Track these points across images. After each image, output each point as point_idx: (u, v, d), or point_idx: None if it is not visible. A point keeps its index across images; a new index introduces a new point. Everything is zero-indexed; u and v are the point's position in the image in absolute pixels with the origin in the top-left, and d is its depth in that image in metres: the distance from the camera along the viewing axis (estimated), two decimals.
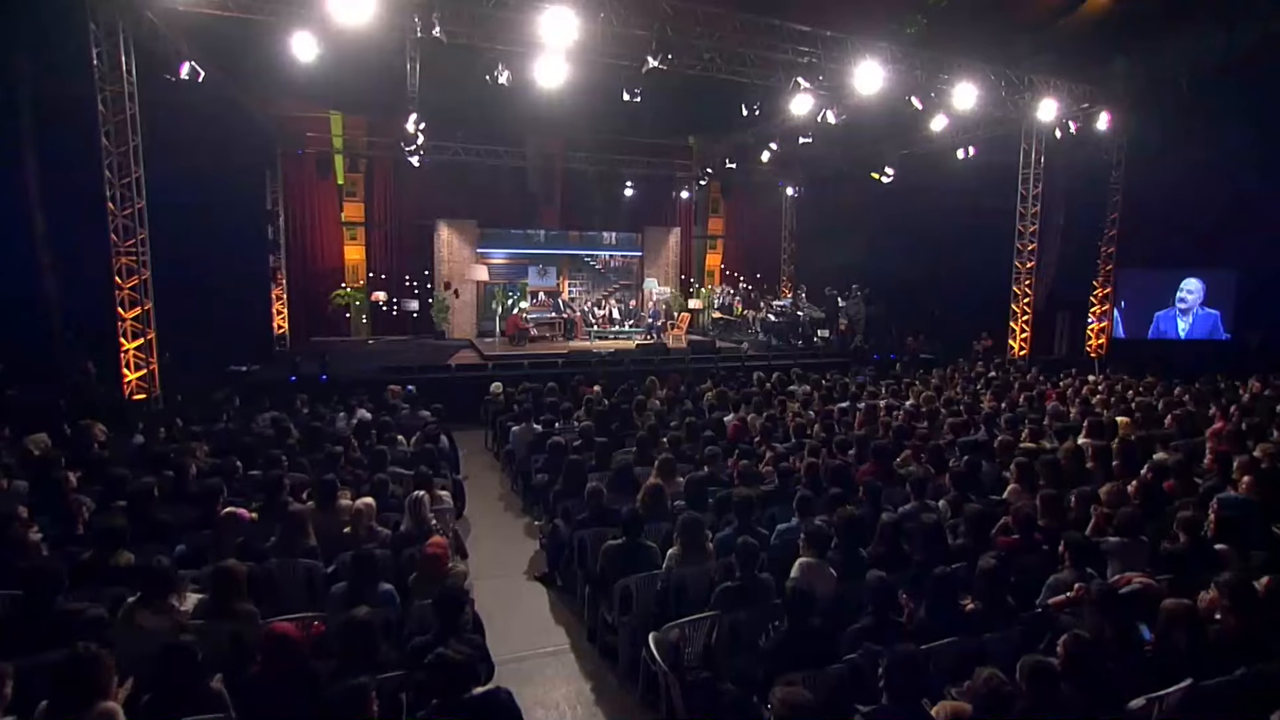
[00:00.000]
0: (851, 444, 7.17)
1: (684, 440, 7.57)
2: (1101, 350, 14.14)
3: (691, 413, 8.99)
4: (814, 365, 13.29)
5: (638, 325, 17.09)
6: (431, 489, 5.98)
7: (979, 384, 11.26)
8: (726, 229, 21.25)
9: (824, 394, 10.15)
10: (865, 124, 13.62)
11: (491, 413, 10.06)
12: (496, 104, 13.97)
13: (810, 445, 7.38)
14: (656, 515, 5.48)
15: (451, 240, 17.57)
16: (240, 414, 8.40)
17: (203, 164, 12.58)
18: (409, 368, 12.12)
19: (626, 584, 4.61)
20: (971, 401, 9.77)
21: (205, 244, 12.85)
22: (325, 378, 11.57)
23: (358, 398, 9.01)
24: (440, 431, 7.70)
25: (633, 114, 14.67)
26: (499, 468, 9.49)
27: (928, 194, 15.47)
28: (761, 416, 8.64)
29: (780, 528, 5.35)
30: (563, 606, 5.83)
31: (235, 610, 3.67)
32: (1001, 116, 12.97)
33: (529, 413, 8.54)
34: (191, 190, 12.35)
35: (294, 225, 16.67)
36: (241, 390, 10.47)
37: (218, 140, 12.78)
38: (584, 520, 5.56)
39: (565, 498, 6.27)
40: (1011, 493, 6.06)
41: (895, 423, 8.11)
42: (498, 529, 7.52)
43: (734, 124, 16.48)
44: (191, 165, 12.29)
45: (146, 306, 9.21)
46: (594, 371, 12.00)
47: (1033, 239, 13.60)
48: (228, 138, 13.16)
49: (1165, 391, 10.17)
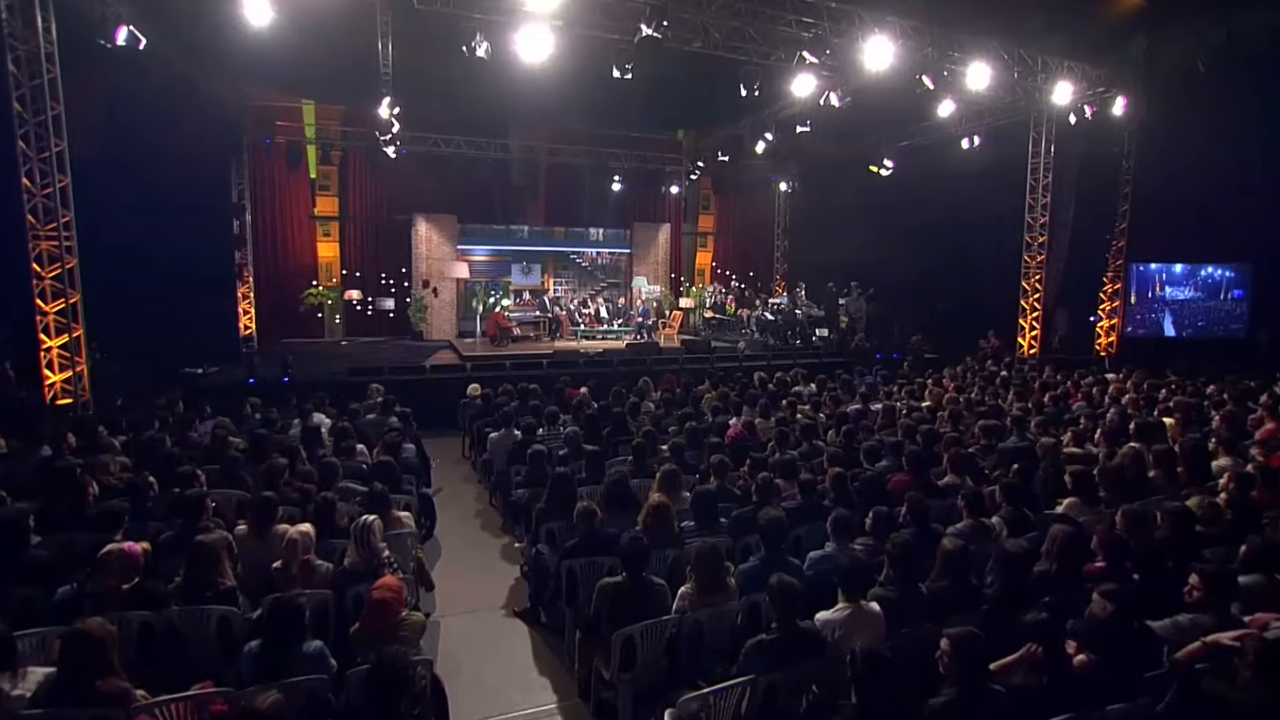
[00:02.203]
0: (881, 451, 6.27)
1: (686, 447, 6.63)
2: (1112, 349, 13.36)
3: (692, 416, 8.06)
4: (815, 365, 12.42)
5: (627, 324, 16.16)
6: (389, 510, 5.01)
7: (995, 383, 10.42)
8: (718, 226, 20.40)
9: (833, 395, 9.24)
10: (864, 114, 12.86)
11: (468, 417, 9.09)
12: (477, 91, 13.13)
13: (830, 452, 6.50)
14: (661, 541, 4.55)
15: (430, 236, 16.59)
16: (180, 421, 7.35)
17: (159, 149, 11.61)
18: (379, 368, 11.11)
19: (629, 634, 3.66)
20: (995, 403, 8.91)
21: (161, 236, 11.75)
22: (288, 380, 10.53)
23: (316, 400, 7.98)
24: (404, 439, 6.71)
25: (621, 105, 13.93)
26: (476, 479, 8.52)
27: (928, 187, 14.69)
28: (770, 420, 7.73)
29: (813, 556, 4.43)
30: (547, 651, 4.87)
31: (97, 691, 2.67)
32: (1010, 103, 12.21)
33: (509, 417, 7.57)
34: (145, 176, 11.36)
35: (262, 220, 15.63)
36: (193, 394, 9.44)
37: (176, 124, 11.71)
38: (574, 547, 4.60)
39: (551, 517, 5.31)
40: (1070, 507, 5.21)
41: (923, 426, 7.21)
42: (472, 552, 6.54)
43: (725, 117, 15.81)
44: (147, 149, 11.34)
45: (73, 299, 8.13)
46: (581, 372, 11.06)
47: (1043, 231, 12.83)
48: (188, 122, 12.08)
49: (1197, 391, 9.39)
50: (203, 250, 13.27)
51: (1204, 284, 13.50)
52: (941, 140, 14.39)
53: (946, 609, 3.77)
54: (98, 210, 10.58)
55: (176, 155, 12.04)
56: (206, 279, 13.44)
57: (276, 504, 4.69)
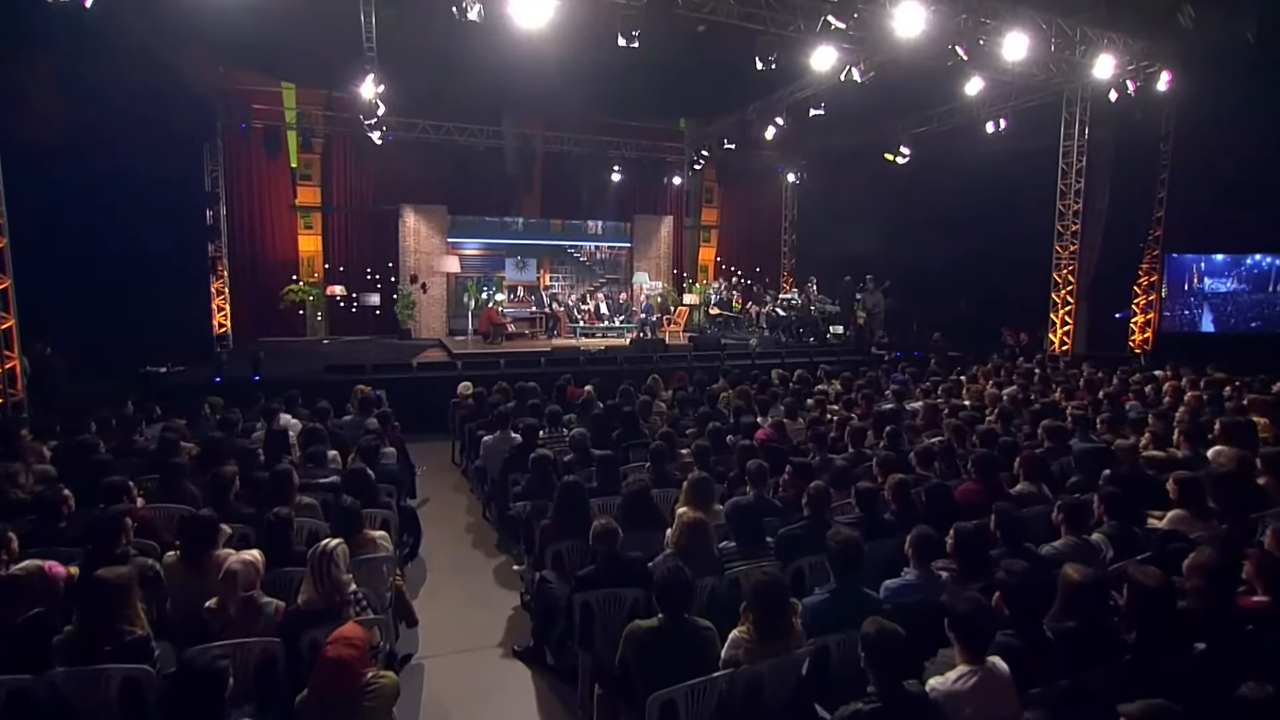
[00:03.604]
0: (943, 455, 5.39)
1: (710, 451, 5.74)
2: (1147, 345, 12.52)
3: (712, 415, 7.17)
4: (832, 363, 11.54)
5: (628, 321, 15.26)
6: (361, 530, 4.09)
7: (1034, 381, 9.56)
8: (721, 219, 19.51)
9: (864, 393, 8.33)
10: (881, 98, 12.08)
11: (459, 419, 8.15)
12: (469, 72, 12.27)
13: (880, 456, 5.60)
14: (698, 567, 3.64)
15: (419, 228, 15.67)
16: (126, 423, 6.38)
17: (120, 131, 10.69)
18: (360, 366, 10.16)
19: (670, 697, 2.74)
20: (1048, 400, 8.05)
21: (126, 226, 10.84)
22: (258, 379, 9.57)
23: (285, 399, 7.04)
24: (382, 444, 5.77)
25: (621, 90, 13.10)
26: (468, 488, 7.60)
27: (948, 175, 13.88)
28: (799, 420, 6.84)
29: (891, 585, 3.54)
30: (555, 701, 3.95)
31: None
32: (1043, 81, 11.40)
33: (505, 418, 6.64)
34: (104, 160, 10.47)
35: (239, 210, 14.70)
36: (150, 395, 8.48)
37: (138, 104, 10.74)
38: (591, 576, 3.69)
39: (559, 536, 4.41)
40: (1176, 520, 4.35)
41: (978, 427, 6.33)
42: (462, 577, 5.61)
43: (731, 103, 15.04)
44: (106, 131, 10.46)
45: (3, 284, 7.14)
46: (583, 370, 10.15)
47: (1075, 219, 11.97)
48: (152, 102, 11.11)
49: (1264, 389, 8.56)
50: (171, 241, 12.31)
51: (1249, 275, 12.67)
52: (962, 125, 13.58)
53: (1080, 659, 2.91)
54: (47, 194, 9.75)
55: (141, 139, 11.10)
56: (175, 271, 12.51)
57: (215, 524, 3.76)
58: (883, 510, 4.52)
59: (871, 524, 4.36)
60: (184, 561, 3.71)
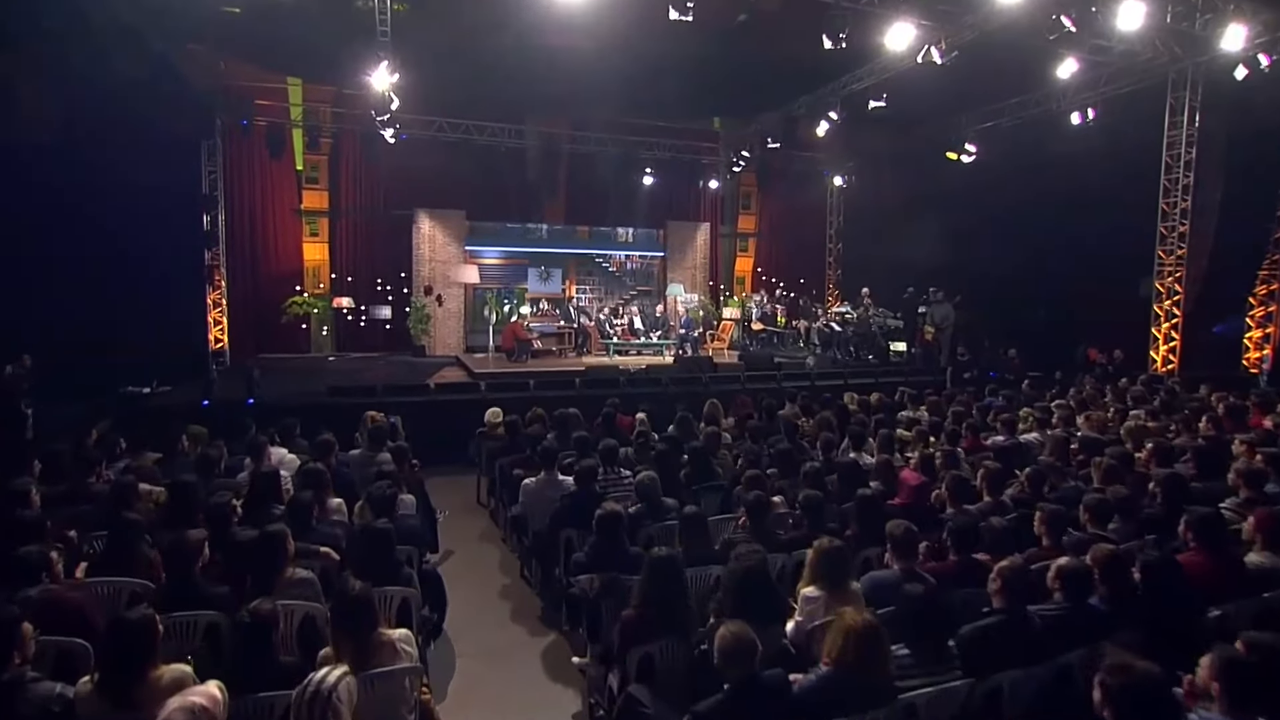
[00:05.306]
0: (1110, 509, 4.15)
1: (823, 501, 4.45)
2: (1264, 364, 11.05)
3: (794, 451, 5.87)
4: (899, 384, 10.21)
5: (666, 336, 13.98)
6: (374, 630, 2.80)
7: (1154, 404, 8.17)
8: (760, 226, 18.22)
9: (968, 422, 6.96)
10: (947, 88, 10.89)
11: (486, 453, 6.84)
12: (489, 68, 11.23)
13: (1049, 511, 4.25)
14: (870, 692, 2.34)
15: (434, 235, 14.51)
16: (83, 460, 5.12)
17: (110, 126, 9.80)
18: (370, 388, 8.87)
19: None
20: (1211, 437, 6.65)
21: (112, 230, 9.85)
22: (253, 402, 8.32)
23: (275, 430, 5.77)
24: (399, 490, 4.45)
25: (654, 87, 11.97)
26: (498, 537, 6.29)
27: (1019, 175, 12.54)
28: (933, 461, 5.50)
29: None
30: None
31: None
32: (1146, 62, 10.14)
33: (551, 456, 5.34)
34: (92, 158, 9.53)
35: (238, 214, 13.58)
36: (132, 419, 7.29)
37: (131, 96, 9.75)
38: (719, 710, 2.37)
39: (648, 633, 3.11)
40: None
41: (1157, 470, 4.99)
42: (500, 666, 4.26)
43: (775, 99, 13.89)
44: (86, 129, 9.54)
45: None
46: (624, 393, 8.86)
47: (1183, 219, 10.55)
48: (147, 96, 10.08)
49: None
50: (163, 247, 11.22)
51: None
52: (1035, 118, 12.32)
53: None
54: (17, 194, 8.82)
55: (131, 135, 10.14)
56: (166, 281, 11.38)
57: (150, 631, 2.49)
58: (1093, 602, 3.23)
59: (1087, 620, 3.13)
60: (101, 692, 2.44)
